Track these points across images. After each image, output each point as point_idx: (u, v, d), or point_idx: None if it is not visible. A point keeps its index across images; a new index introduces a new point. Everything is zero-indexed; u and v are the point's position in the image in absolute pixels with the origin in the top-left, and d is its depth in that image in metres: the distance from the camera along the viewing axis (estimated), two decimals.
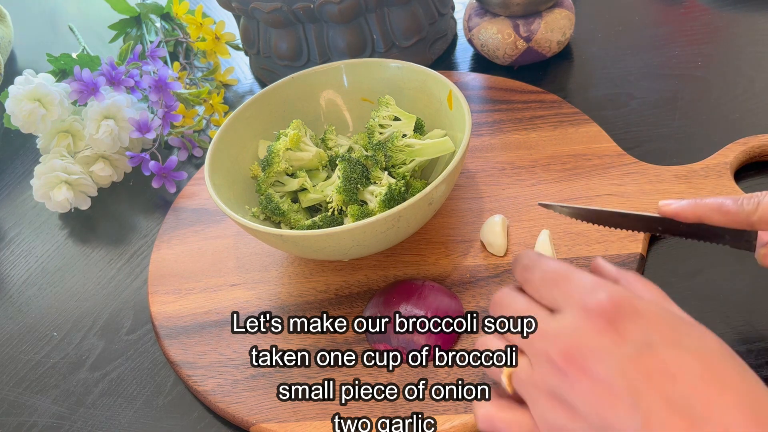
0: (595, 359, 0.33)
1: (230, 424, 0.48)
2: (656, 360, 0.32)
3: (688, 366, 0.32)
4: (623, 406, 0.32)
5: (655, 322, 0.33)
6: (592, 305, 0.34)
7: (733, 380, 0.32)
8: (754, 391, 0.32)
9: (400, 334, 0.47)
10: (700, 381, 0.31)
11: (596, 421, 0.32)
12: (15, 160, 0.77)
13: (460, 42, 0.78)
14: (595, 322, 0.33)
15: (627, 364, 0.32)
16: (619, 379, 0.32)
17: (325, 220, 0.52)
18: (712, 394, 0.31)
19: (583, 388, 0.33)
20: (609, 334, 0.33)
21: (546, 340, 0.34)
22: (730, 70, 0.65)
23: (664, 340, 0.33)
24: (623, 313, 0.33)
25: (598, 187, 0.55)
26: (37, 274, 0.62)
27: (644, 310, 0.34)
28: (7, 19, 0.95)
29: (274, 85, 0.60)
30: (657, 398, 0.31)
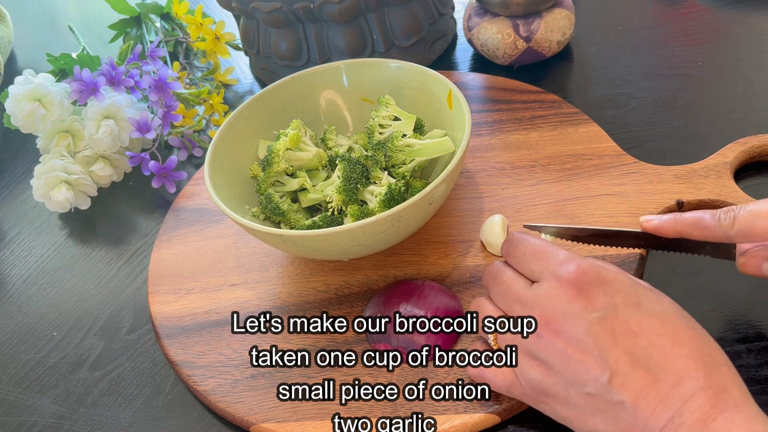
0: (567, 323, 0.38)
1: (230, 424, 0.48)
2: (619, 320, 0.37)
3: (647, 325, 0.37)
4: (593, 362, 0.37)
5: (618, 288, 0.38)
6: (564, 275, 0.39)
7: (685, 335, 0.36)
8: (704, 344, 0.36)
9: (400, 334, 0.47)
10: (657, 337, 0.36)
11: (568, 376, 0.37)
12: (15, 160, 0.76)
13: (460, 42, 0.78)
14: (566, 290, 0.38)
15: (594, 325, 0.37)
16: (588, 339, 0.37)
17: (325, 220, 0.52)
18: (667, 348, 0.36)
19: (557, 348, 0.38)
20: (578, 301, 0.38)
21: (524, 306, 0.40)
22: (730, 70, 0.65)
23: (626, 302, 0.38)
24: (590, 281, 0.38)
25: (597, 187, 0.55)
26: (37, 274, 0.62)
27: (608, 277, 0.39)
28: (7, 19, 0.95)
29: (274, 85, 0.60)
30: (621, 354, 0.36)
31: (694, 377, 0.35)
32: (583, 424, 0.38)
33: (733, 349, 0.45)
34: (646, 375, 0.36)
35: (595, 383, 0.36)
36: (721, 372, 0.35)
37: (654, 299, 0.38)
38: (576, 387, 0.37)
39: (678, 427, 0.34)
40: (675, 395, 0.35)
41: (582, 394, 0.37)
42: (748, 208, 0.40)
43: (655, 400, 0.35)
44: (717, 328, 0.46)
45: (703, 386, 0.35)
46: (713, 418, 0.34)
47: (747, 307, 0.47)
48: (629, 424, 0.36)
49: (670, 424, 0.34)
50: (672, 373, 0.35)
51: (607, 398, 0.36)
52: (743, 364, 0.44)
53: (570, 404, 0.38)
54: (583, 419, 0.38)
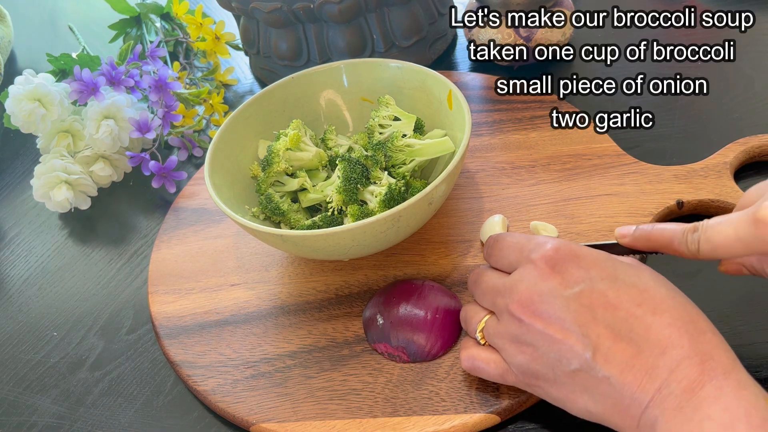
0: (543, 302, 0.38)
1: (230, 424, 0.48)
2: (597, 294, 0.37)
3: (626, 296, 0.36)
4: (574, 339, 0.36)
5: (593, 262, 0.38)
6: (537, 257, 0.39)
7: (666, 304, 0.36)
8: (686, 310, 0.36)
9: (401, 334, 0.47)
10: (636, 308, 0.36)
11: (553, 355, 0.37)
12: (15, 160, 0.77)
13: (460, 42, 0.78)
14: (540, 270, 0.39)
15: (572, 301, 0.37)
16: (567, 315, 0.37)
17: (325, 220, 0.52)
18: (648, 318, 0.35)
19: (538, 329, 0.38)
20: (553, 277, 0.38)
21: (504, 296, 0.40)
22: (730, 70, 0.65)
23: (602, 276, 0.37)
24: (564, 257, 0.38)
25: (597, 187, 0.55)
26: (37, 274, 0.62)
27: (582, 253, 0.39)
28: (7, 19, 0.95)
29: (274, 85, 0.60)
30: (602, 328, 0.36)
31: (678, 345, 0.34)
32: (573, 403, 0.38)
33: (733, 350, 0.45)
34: (629, 347, 0.35)
35: (579, 360, 0.36)
36: (705, 338, 0.35)
37: (631, 271, 0.38)
38: (561, 366, 0.37)
39: (666, 398, 0.34)
40: (660, 366, 0.34)
41: (568, 373, 0.37)
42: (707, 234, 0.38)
43: (640, 372, 0.35)
44: (717, 328, 0.46)
45: (688, 354, 0.34)
46: (701, 386, 0.33)
47: (747, 307, 0.47)
48: (617, 399, 0.35)
49: (658, 396, 0.34)
50: (655, 343, 0.35)
51: (592, 374, 0.36)
52: (743, 364, 0.44)
53: (559, 384, 0.38)
54: (573, 398, 0.38)
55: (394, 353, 0.47)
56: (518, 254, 0.41)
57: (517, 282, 0.40)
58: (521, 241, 0.42)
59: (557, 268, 0.38)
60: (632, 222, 0.52)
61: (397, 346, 0.47)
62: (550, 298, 0.38)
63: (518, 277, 0.40)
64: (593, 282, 0.37)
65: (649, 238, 0.42)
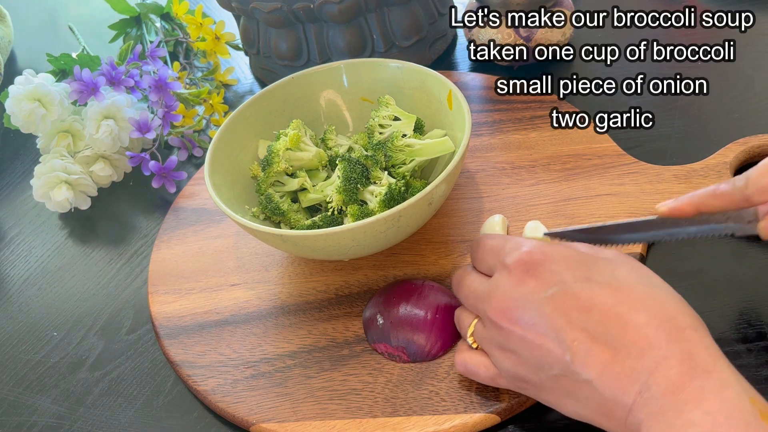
0: (519, 308, 0.38)
1: (230, 424, 0.48)
2: (570, 297, 0.36)
3: (600, 297, 0.36)
4: (551, 344, 0.36)
5: (566, 263, 0.38)
6: (510, 262, 0.39)
7: (642, 302, 0.35)
8: (664, 307, 0.35)
9: (401, 333, 0.47)
10: (611, 308, 0.35)
11: (534, 361, 0.37)
12: (15, 160, 0.77)
13: (460, 42, 0.78)
14: (514, 275, 0.38)
15: (545, 305, 0.37)
16: (542, 321, 0.36)
17: (325, 220, 0.52)
18: (624, 319, 0.35)
19: (517, 336, 0.37)
20: (527, 283, 0.38)
21: (483, 301, 0.40)
22: (730, 70, 0.65)
23: (576, 277, 0.37)
24: (536, 260, 0.38)
25: (597, 187, 0.55)
26: (37, 274, 0.62)
27: (554, 253, 0.38)
28: (7, 19, 0.95)
29: (274, 85, 0.60)
30: (577, 331, 0.35)
31: (656, 346, 0.33)
32: (563, 407, 0.38)
33: (733, 349, 0.45)
34: (606, 350, 0.34)
35: (559, 365, 0.36)
36: (685, 336, 0.34)
37: (607, 269, 0.37)
38: (544, 371, 0.37)
39: (648, 401, 0.33)
40: (639, 368, 0.33)
41: (552, 377, 0.37)
42: (759, 164, 0.39)
43: (620, 375, 0.34)
44: (717, 327, 0.46)
45: (666, 354, 0.33)
46: (682, 388, 0.32)
47: (747, 307, 0.47)
48: (600, 402, 0.35)
49: (640, 399, 0.33)
50: (632, 344, 0.34)
51: (573, 378, 0.35)
52: (743, 364, 0.44)
53: (546, 389, 0.38)
54: (562, 402, 0.37)
55: (394, 353, 0.47)
56: (495, 258, 0.41)
57: (494, 288, 0.39)
58: (498, 245, 0.41)
59: (531, 272, 0.38)
60: None
61: (397, 346, 0.47)
62: (524, 303, 0.37)
63: (495, 283, 0.40)
64: (566, 284, 0.37)
65: (693, 195, 0.41)
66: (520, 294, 0.38)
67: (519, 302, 0.38)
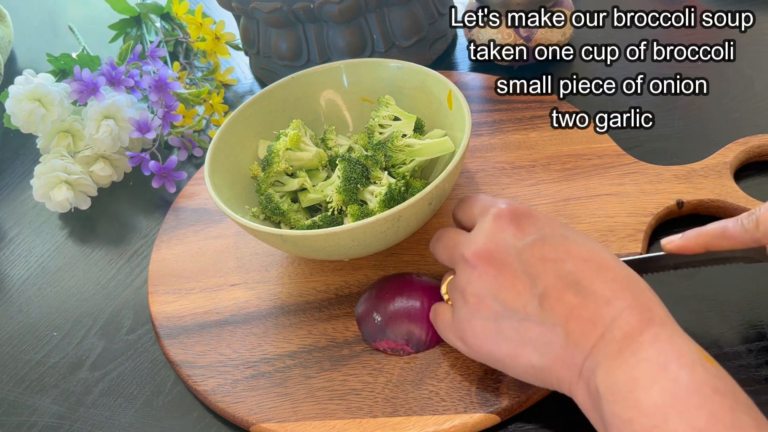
0: (498, 251, 0.40)
1: (230, 424, 0.48)
2: (549, 247, 0.39)
3: (574, 251, 0.39)
4: (524, 287, 0.38)
5: (547, 221, 0.41)
6: (497, 211, 0.41)
7: (609, 263, 0.38)
8: (628, 271, 0.38)
9: (400, 327, 0.47)
10: (584, 262, 0.38)
11: (499, 306, 0.39)
12: (15, 160, 0.77)
13: (460, 42, 0.78)
14: (498, 222, 0.41)
15: (525, 251, 0.39)
16: (519, 264, 0.39)
17: (325, 220, 0.52)
18: (594, 272, 0.37)
19: (490, 276, 0.39)
20: (510, 229, 0.40)
21: (462, 247, 0.42)
22: (730, 70, 0.65)
23: (554, 233, 0.40)
24: (521, 214, 0.41)
25: (597, 187, 0.55)
26: (37, 274, 0.62)
27: (537, 213, 0.42)
28: (7, 19, 0.95)
29: (274, 85, 0.60)
30: (551, 277, 0.38)
31: (621, 298, 0.36)
32: (516, 360, 0.39)
33: (733, 350, 0.45)
34: (576, 297, 0.37)
35: (525, 308, 0.38)
36: (645, 295, 0.37)
37: (580, 233, 0.41)
38: (508, 316, 0.39)
39: (608, 344, 0.35)
40: (604, 314, 0.36)
41: (514, 324, 0.38)
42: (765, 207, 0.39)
43: (584, 319, 0.36)
44: (717, 328, 0.46)
45: (630, 304, 0.36)
46: (640, 332, 0.35)
47: (747, 308, 0.47)
48: (561, 347, 0.37)
49: (601, 341, 0.36)
50: (600, 294, 0.37)
51: (537, 322, 0.38)
52: (743, 364, 0.44)
53: (501, 339, 0.39)
54: (517, 354, 0.39)
55: (397, 347, 0.47)
56: (479, 210, 0.43)
57: (476, 234, 0.41)
58: (487, 200, 0.44)
59: (515, 221, 0.40)
60: (632, 222, 0.52)
61: (398, 340, 0.47)
62: (504, 247, 0.40)
63: (478, 230, 0.42)
64: (545, 237, 0.40)
65: (700, 234, 0.42)
66: (500, 238, 0.40)
67: (499, 245, 0.40)
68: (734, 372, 0.44)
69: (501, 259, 0.40)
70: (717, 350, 0.45)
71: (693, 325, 0.47)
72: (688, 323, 0.47)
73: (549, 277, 0.38)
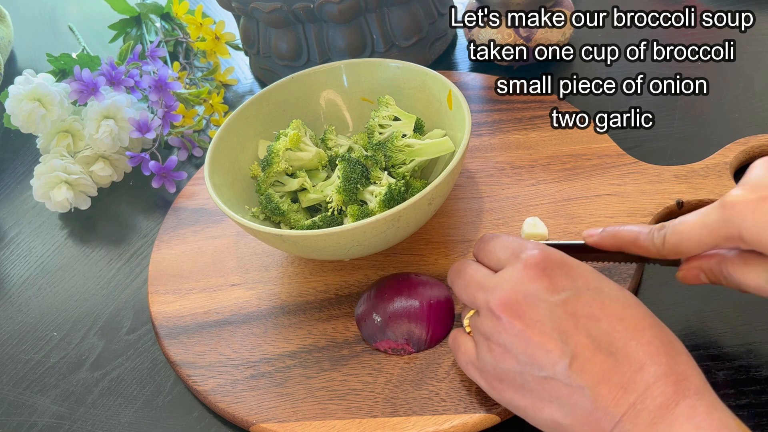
0: (528, 304, 0.37)
1: (230, 424, 0.48)
2: (582, 303, 0.37)
3: (609, 308, 0.37)
4: (553, 345, 0.36)
5: (581, 273, 0.39)
6: (528, 258, 0.39)
7: (646, 321, 0.37)
8: (664, 331, 0.37)
9: (400, 327, 0.47)
10: (618, 322, 0.36)
11: (526, 359, 0.37)
12: (15, 160, 0.77)
13: (460, 42, 0.78)
14: (529, 271, 0.38)
15: (557, 307, 0.37)
16: (549, 321, 0.37)
17: (325, 220, 0.52)
18: (629, 333, 0.36)
19: (516, 330, 0.37)
20: (541, 281, 0.38)
21: (486, 292, 0.39)
22: (730, 70, 0.65)
23: (588, 286, 0.38)
24: (554, 263, 0.39)
25: (597, 187, 0.55)
26: (37, 274, 0.62)
27: (572, 262, 0.39)
28: (7, 19, 0.95)
29: (274, 85, 0.60)
30: (582, 337, 0.36)
31: (656, 363, 0.35)
32: (539, 412, 0.37)
33: (733, 350, 0.45)
34: (608, 359, 0.35)
35: (553, 367, 0.36)
36: (681, 360, 0.35)
37: (615, 286, 0.39)
38: (533, 371, 0.37)
39: (639, 413, 0.34)
40: (637, 381, 0.34)
41: (539, 379, 0.37)
42: (674, 226, 0.39)
43: (616, 385, 0.35)
44: (716, 328, 0.46)
45: (665, 372, 0.34)
46: (675, 404, 0.33)
47: (747, 308, 0.47)
48: (588, 410, 0.35)
49: (632, 410, 0.34)
50: (634, 358, 0.35)
51: (566, 383, 0.36)
52: (743, 364, 0.44)
53: (526, 390, 0.37)
54: (540, 407, 0.37)
55: (397, 347, 0.47)
56: (509, 253, 0.40)
57: (504, 281, 0.39)
58: (514, 242, 0.41)
59: (546, 271, 0.38)
60: (632, 221, 0.52)
61: (398, 340, 0.47)
62: (535, 301, 0.37)
63: (505, 276, 0.39)
64: (579, 291, 0.37)
65: (615, 236, 0.42)
66: (531, 290, 0.38)
67: (529, 298, 0.37)
68: (734, 372, 0.44)
69: (530, 313, 0.37)
70: (717, 350, 0.45)
71: (693, 325, 0.47)
72: (688, 323, 0.47)
73: (580, 336, 0.36)
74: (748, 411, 0.42)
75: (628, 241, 0.42)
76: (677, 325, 0.47)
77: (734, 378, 0.44)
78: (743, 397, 0.43)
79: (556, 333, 0.36)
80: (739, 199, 0.36)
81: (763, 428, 0.41)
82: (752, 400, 0.42)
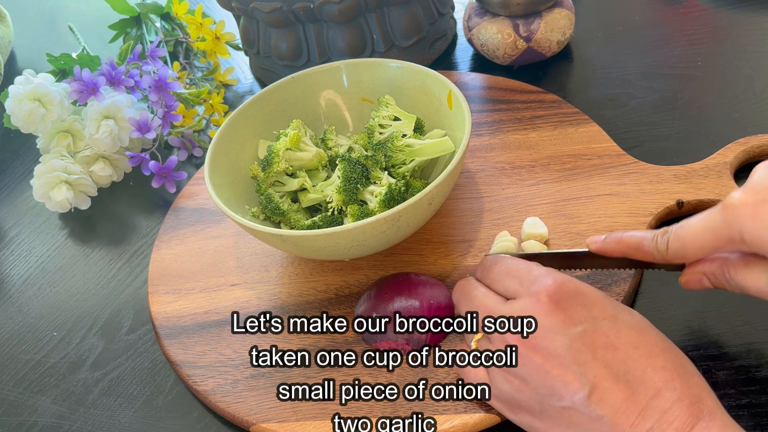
0: (546, 339, 0.38)
1: (230, 424, 0.48)
2: (599, 334, 0.37)
3: (625, 337, 0.37)
4: (572, 377, 0.37)
5: (595, 300, 0.39)
6: (541, 290, 0.39)
7: (659, 347, 0.37)
8: (677, 355, 0.37)
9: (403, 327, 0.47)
10: (634, 350, 0.37)
11: (544, 391, 0.37)
12: (15, 160, 0.77)
13: (460, 42, 0.78)
14: (543, 305, 0.38)
15: (575, 340, 0.37)
16: (568, 354, 0.37)
17: (325, 220, 0.52)
18: (645, 360, 0.36)
19: (535, 364, 0.38)
20: (557, 314, 0.38)
21: None
22: (730, 70, 0.65)
23: (604, 315, 0.38)
24: (567, 294, 0.39)
25: (597, 187, 0.55)
26: (37, 274, 0.62)
27: (585, 290, 0.39)
28: (7, 19, 0.95)
29: (274, 85, 0.60)
30: (601, 368, 0.36)
31: (671, 388, 0.36)
32: None
33: (733, 350, 0.45)
34: (626, 389, 0.36)
35: (572, 398, 0.36)
36: (694, 381, 0.36)
37: (627, 311, 0.39)
38: (552, 401, 0.37)
39: None
40: (653, 407, 0.35)
41: (558, 408, 0.37)
42: (676, 231, 0.40)
43: (633, 413, 0.35)
44: (716, 329, 0.46)
45: (680, 396, 0.35)
46: (691, 427, 0.34)
47: (747, 308, 0.47)
48: None
49: None
50: (650, 385, 0.36)
51: (584, 413, 0.36)
52: (743, 364, 0.44)
53: (544, 416, 0.38)
54: (558, 430, 0.38)
55: (398, 347, 0.47)
56: (517, 282, 0.41)
57: (517, 313, 0.39)
58: (521, 270, 0.41)
59: (561, 304, 0.38)
60: (632, 222, 0.52)
61: (398, 340, 0.47)
62: (552, 335, 0.38)
63: (519, 308, 0.39)
64: (596, 322, 0.38)
65: (619, 242, 0.43)
66: (548, 324, 0.38)
67: (547, 332, 0.38)
68: (734, 372, 0.44)
69: (547, 348, 0.38)
70: (717, 350, 0.45)
71: (693, 325, 0.47)
72: (688, 323, 0.47)
73: (599, 367, 0.36)
74: (748, 411, 0.42)
75: (632, 247, 0.42)
76: (677, 325, 0.47)
77: (734, 378, 0.44)
78: (743, 397, 0.43)
79: (575, 365, 0.37)
80: (740, 201, 0.36)
81: (763, 428, 0.41)
82: (752, 400, 0.42)
